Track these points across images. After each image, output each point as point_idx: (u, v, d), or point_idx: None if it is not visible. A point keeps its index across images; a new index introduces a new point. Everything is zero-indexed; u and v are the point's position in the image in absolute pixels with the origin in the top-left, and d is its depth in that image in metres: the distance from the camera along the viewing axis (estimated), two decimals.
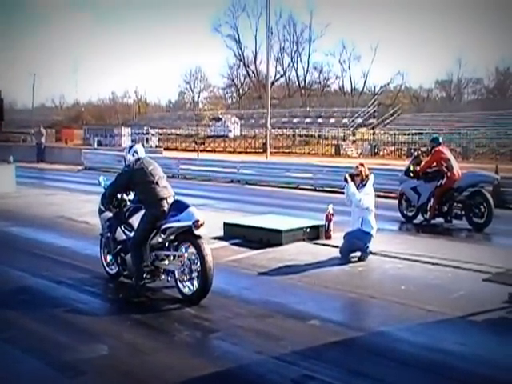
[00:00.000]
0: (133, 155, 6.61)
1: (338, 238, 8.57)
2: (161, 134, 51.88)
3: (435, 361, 4.56)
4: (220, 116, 55.12)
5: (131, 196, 6.77)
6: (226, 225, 9.47)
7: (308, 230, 9.16)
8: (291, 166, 20.96)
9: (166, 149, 39.48)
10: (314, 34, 66.82)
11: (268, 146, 31.27)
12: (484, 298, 6.19)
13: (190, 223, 5.87)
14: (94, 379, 4.31)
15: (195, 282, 5.95)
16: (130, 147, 6.82)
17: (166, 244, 6.23)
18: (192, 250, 5.96)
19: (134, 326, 5.36)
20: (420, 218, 11.30)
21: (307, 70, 68.57)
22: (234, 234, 9.21)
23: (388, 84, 63.81)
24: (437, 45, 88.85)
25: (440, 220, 11.02)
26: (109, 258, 6.96)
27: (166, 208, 6.18)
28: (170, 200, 6.29)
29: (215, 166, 22.26)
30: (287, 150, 42.21)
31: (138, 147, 6.78)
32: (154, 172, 6.41)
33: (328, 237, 9.18)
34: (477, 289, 6.58)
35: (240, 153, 40.78)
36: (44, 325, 5.38)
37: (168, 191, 6.37)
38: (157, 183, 6.31)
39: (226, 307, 5.86)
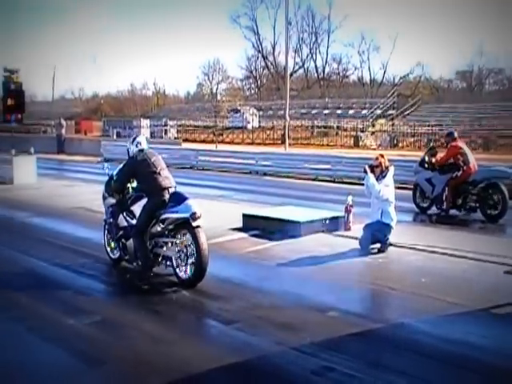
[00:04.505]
0: (136, 146, 6.86)
1: (357, 229, 8.50)
2: (179, 126, 51.83)
3: (456, 353, 4.51)
4: (238, 107, 54.93)
5: (134, 184, 6.90)
6: (244, 216, 9.48)
7: (327, 221, 9.12)
8: (310, 157, 20.86)
9: (185, 140, 39.54)
10: (332, 25, 65.80)
11: (286, 138, 31.11)
12: (506, 290, 6.12)
13: (187, 215, 6.06)
14: (114, 368, 4.34)
15: (191, 267, 6.11)
16: (134, 138, 7.07)
17: (165, 232, 6.39)
18: (188, 236, 6.13)
19: (150, 315, 5.39)
20: (434, 209, 11.28)
21: (326, 61, 67.86)
22: (253, 225, 9.20)
23: (408, 75, 62.91)
24: (457, 35, 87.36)
25: (454, 211, 10.96)
26: (112, 243, 7.13)
27: (166, 198, 6.36)
28: (172, 190, 6.47)
29: (233, 158, 22.28)
30: (306, 142, 41.98)
31: (141, 139, 7.05)
32: (157, 163, 6.62)
33: (347, 228, 9.13)
34: (498, 281, 6.50)
35: (258, 144, 40.70)
36: (60, 313, 5.40)
37: (170, 181, 6.56)
38: (159, 173, 6.51)
39: (246, 298, 5.86)
